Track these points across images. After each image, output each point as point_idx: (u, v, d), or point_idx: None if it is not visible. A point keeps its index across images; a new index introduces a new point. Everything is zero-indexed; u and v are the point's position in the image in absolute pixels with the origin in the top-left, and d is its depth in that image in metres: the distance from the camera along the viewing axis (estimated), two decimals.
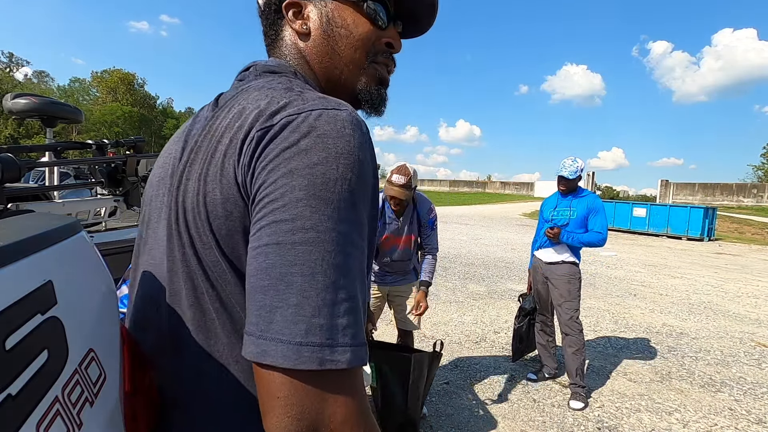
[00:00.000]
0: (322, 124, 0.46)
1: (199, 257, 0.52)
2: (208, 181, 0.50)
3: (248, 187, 0.47)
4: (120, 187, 2.11)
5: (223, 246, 0.50)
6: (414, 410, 2.31)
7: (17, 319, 0.44)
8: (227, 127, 0.51)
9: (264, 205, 0.45)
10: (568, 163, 2.91)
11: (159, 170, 0.63)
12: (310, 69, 0.64)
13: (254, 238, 0.45)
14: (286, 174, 0.44)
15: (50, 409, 0.47)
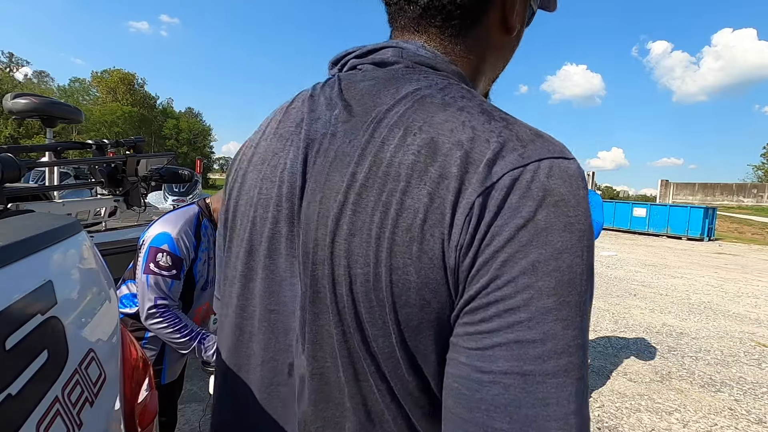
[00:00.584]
0: (556, 184, 0.34)
1: (367, 341, 0.39)
2: (395, 252, 0.36)
3: (464, 276, 0.35)
4: (120, 187, 2.10)
5: (407, 339, 0.37)
6: None
7: (17, 319, 0.44)
8: (413, 168, 0.36)
9: (498, 313, 0.33)
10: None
11: (256, 176, 0.47)
12: (474, 71, 0.50)
13: (478, 354, 0.33)
14: (528, 270, 0.33)
15: (50, 408, 0.47)
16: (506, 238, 0.33)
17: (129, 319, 1.54)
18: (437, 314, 0.36)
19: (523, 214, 0.33)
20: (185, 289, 1.55)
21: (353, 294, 0.38)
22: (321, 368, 0.41)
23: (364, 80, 0.45)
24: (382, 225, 0.36)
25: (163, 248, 1.47)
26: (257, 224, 0.46)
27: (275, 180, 0.45)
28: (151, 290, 1.43)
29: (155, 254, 1.46)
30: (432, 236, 0.35)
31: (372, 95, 0.43)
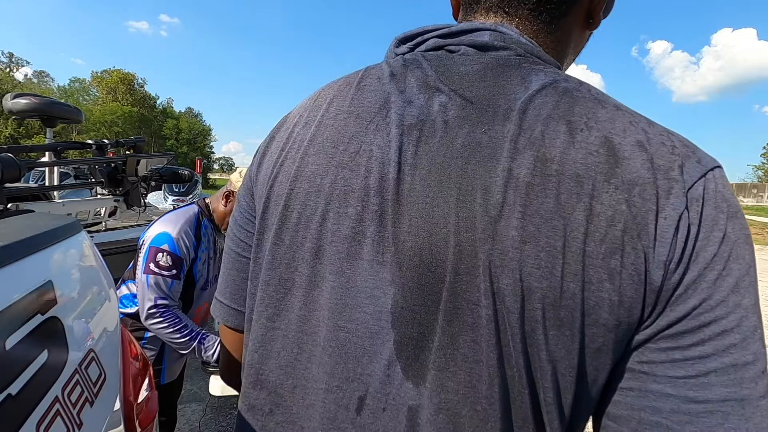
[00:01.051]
0: (729, 194, 0.33)
1: (530, 365, 0.33)
2: (589, 265, 0.31)
3: (668, 296, 0.31)
4: (120, 187, 2.10)
5: (587, 363, 0.32)
6: None
7: (17, 319, 0.44)
8: (596, 170, 0.32)
9: (712, 336, 0.30)
10: None
11: (325, 161, 0.40)
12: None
13: (690, 383, 0.30)
14: (734, 288, 0.30)
15: (50, 408, 0.47)
16: (712, 254, 0.31)
17: (129, 319, 1.54)
18: (623, 336, 0.32)
19: (720, 227, 0.31)
20: (185, 289, 1.55)
21: (524, 312, 0.32)
22: (450, 402, 0.34)
23: (467, 64, 0.40)
24: (567, 233, 0.31)
25: (163, 248, 1.47)
26: (329, 220, 0.38)
27: (358, 169, 0.38)
28: (151, 290, 1.43)
29: (155, 254, 1.46)
30: (634, 249, 0.31)
31: (489, 83, 0.38)
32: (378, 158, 0.38)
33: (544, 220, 0.32)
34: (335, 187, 0.39)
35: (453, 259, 0.34)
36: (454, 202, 0.34)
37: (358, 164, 0.38)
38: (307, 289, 0.39)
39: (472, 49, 0.41)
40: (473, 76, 0.39)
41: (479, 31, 0.42)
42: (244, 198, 0.49)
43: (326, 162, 0.40)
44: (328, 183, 0.39)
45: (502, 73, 0.39)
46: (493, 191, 0.33)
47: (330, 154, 0.40)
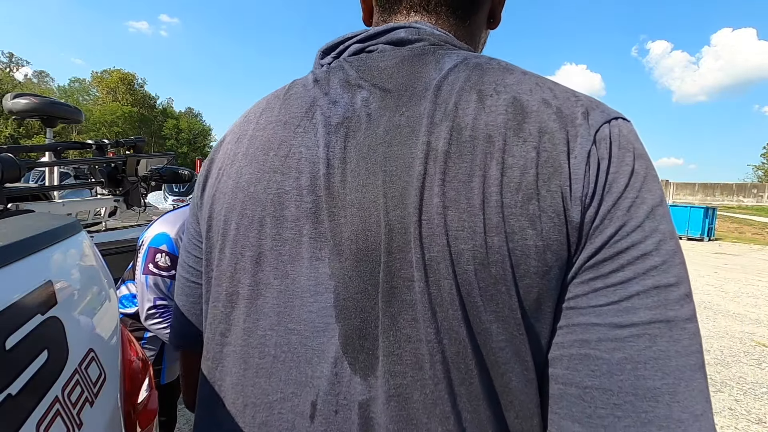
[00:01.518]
0: (635, 139, 0.35)
1: (474, 334, 0.32)
2: (508, 216, 0.32)
3: (588, 229, 0.32)
4: (120, 187, 2.10)
5: (528, 316, 0.32)
6: None
7: (17, 319, 0.44)
8: (505, 127, 0.34)
9: (631, 260, 0.31)
10: None
11: (257, 169, 0.41)
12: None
13: (613, 309, 0.30)
14: (650, 214, 0.31)
15: (50, 408, 0.47)
16: (623, 185, 0.32)
17: (128, 319, 1.54)
18: (557, 280, 0.32)
19: (627, 162, 0.33)
20: None
21: (457, 276, 0.32)
22: (399, 387, 0.33)
23: (385, 59, 0.42)
24: (485, 190, 0.33)
25: (161, 249, 1.47)
26: (267, 225, 0.38)
27: (289, 172, 0.39)
28: (151, 291, 1.43)
29: (154, 255, 1.46)
30: (549, 191, 0.32)
31: (406, 71, 0.41)
32: (307, 158, 0.39)
33: (461, 183, 0.33)
34: (269, 192, 0.39)
35: (386, 239, 0.34)
36: (381, 184, 0.35)
37: (288, 167, 0.39)
38: (249, 299, 0.39)
39: (389, 46, 0.44)
40: (391, 69, 0.41)
41: (395, 30, 0.44)
42: (191, 224, 0.50)
43: (258, 169, 0.41)
44: (261, 189, 0.39)
45: (418, 62, 0.41)
46: (414, 166, 0.35)
47: (261, 161, 0.41)
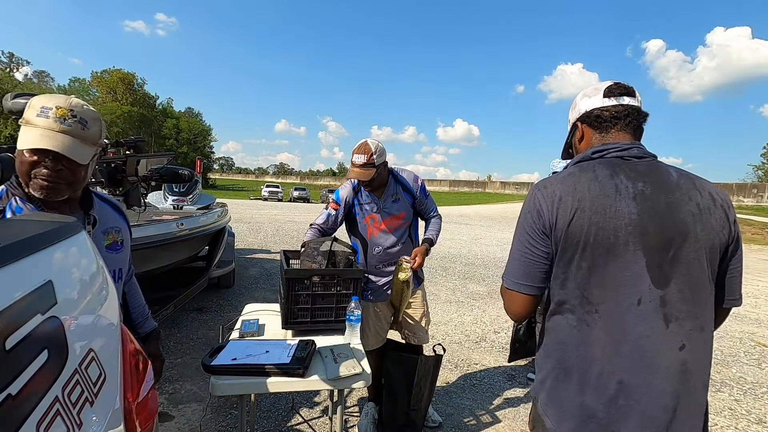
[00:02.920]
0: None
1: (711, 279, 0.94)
2: (717, 233, 0.91)
3: (730, 240, 0.93)
4: (120, 187, 2.10)
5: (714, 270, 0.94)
6: (416, 412, 2.31)
7: (17, 319, 0.44)
8: (712, 205, 0.93)
9: (736, 249, 0.95)
10: (557, 161, 3.03)
11: (598, 220, 0.91)
12: None
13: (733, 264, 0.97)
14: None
15: (50, 408, 0.47)
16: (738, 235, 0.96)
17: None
18: (720, 253, 0.95)
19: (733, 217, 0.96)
20: None
21: (707, 252, 0.91)
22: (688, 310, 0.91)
23: (640, 165, 0.96)
24: (712, 225, 0.91)
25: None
26: (617, 244, 0.90)
27: (621, 216, 0.90)
28: None
29: None
30: (724, 230, 0.93)
31: (655, 174, 0.95)
32: (626, 212, 0.91)
33: (708, 223, 0.92)
34: (616, 227, 0.91)
35: (678, 245, 0.90)
36: (672, 227, 0.90)
37: (620, 215, 0.91)
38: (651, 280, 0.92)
39: (636, 158, 0.97)
40: (646, 171, 0.95)
41: (632, 148, 0.98)
42: (536, 221, 0.98)
43: (601, 216, 0.91)
44: (610, 226, 0.90)
45: (657, 169, 0.96)
46: (690, 218, 0.91)
47: (601, 213, 0.91)
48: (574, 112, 1.11)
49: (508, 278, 1.03)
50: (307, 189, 39.20)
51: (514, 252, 1.02)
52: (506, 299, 1.05)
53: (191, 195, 6.49)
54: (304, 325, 1.89)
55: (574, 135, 1.12)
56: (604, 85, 1.05)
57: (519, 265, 1.00)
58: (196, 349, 3.48)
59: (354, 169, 2.11)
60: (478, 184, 55.68)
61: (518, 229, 1.02)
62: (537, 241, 0.97)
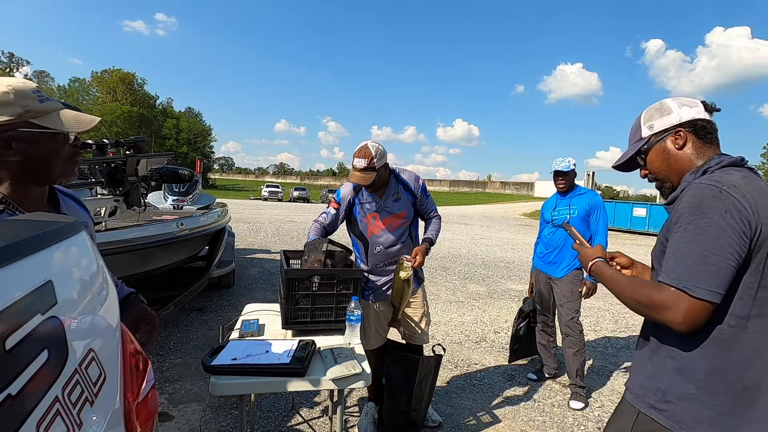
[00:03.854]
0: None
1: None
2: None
3: None
4: (120, 187, 2.10)
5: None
6: (417, 413, 2.31)
7: (17, 318, 0.44)
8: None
9: None
10: (559, 160, 3.00)
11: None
12: None
13: None
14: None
15: (50, 408, 0.47)
16: None
17: None
18: None
19: None
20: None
21: None
22: None
23: (756, 176, 0.97)
24: None
25: None
26: None
27: None
28: None
29: None
30: None
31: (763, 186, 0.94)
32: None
33: None
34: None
35: None
36: None
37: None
38: None
39: (749, 170, 0.99)
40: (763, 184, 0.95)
41: (744, 160, 1.01)
42: (738, 222, 0.88)
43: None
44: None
45: (760, 179, 0.97)
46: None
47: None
48: (668, 118, 1.08)
49: (700, 288, 0.88)
50: (307, 189, 39.22)
51: (707, 256, 0.88)
52: (683, 309, 0.89)
53: (191, 195, 6.49)
54: (304, 325, 1.89)
55: (669, 141, 1.08)
56: (696, 100, 1.08)
57: (717, 272, 0.87)
58: (196, 349, 3.48)
59: (355, 173, 2.12)
60: (478, 184, 55.68)
61: (712, 231, 0.89)
62: (740, 244, 0.88)
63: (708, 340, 0.92)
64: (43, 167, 1.01)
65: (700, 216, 0.90)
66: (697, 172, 1.01)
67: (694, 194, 0.93)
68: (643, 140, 1.12)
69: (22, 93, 0.94)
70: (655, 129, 1.10)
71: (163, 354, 3.34)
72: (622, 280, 1.07)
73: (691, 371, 0.94)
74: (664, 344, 1.00)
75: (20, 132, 0.93)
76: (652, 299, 0.94)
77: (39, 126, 0.96)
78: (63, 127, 1.00)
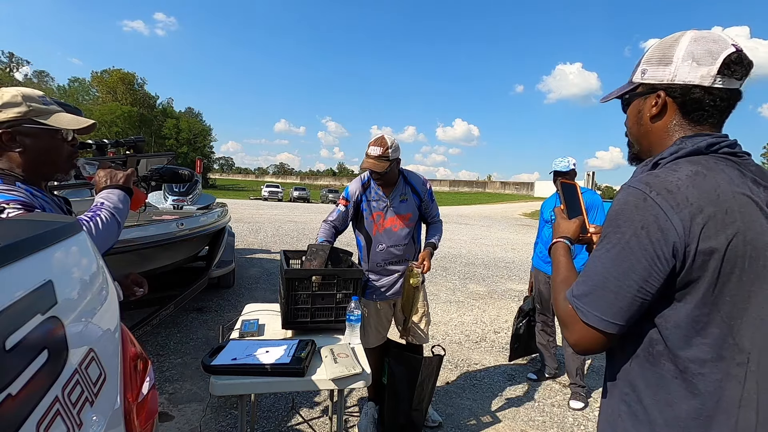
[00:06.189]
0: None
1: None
2: None
3: None
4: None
5: None
6: (418, 413, 2.31)
7: (17, 318, 0.44)
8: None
9: None
10: (559, 160, 3.00)
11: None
12: None
13: None
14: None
15: (50, 408, 0.47)
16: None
17: None
18: None
19: None
20: None
21: None
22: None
23: (751, 163, 0.76)
24: None
25: None
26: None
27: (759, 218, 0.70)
28: None
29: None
30: None
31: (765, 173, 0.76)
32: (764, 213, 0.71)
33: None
34: (765, 246, 0.70)
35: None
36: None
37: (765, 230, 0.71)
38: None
39: (746, 155, 0.77)
40: (758, 172, 0.75)
41: (736, 144, 0.77)
42: (656, 241, 0.71)
43: (754, 233, 0.70)
44: (761, 245, 0.70)
45: (762, 169, 0.77)
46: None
47: (752, 228, 0.70)
48: (661, 71, 0.79)
49: (591, 313, 0.74)
50: (307, 189, 39.24)
51: (607, 279, 0.73)
52: (577, 333, 0.77)
53: (191, 195, 6.50)
54: (304, 325, 1.90)
55: (647, 102, 0.83)
56: (722, 50, 0.74)
57: (614, 300, 0.73)
58: (196, 349, 3.48)
59: (368, 160, 2.15)
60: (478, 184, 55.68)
61: (619, 250, 0.73)
62: (655, 269, 0.70)
63: (661, 384, 0.74)
64: (42, 161, 1.14)
65: (615, 229, 0.74)
66: (648, 164, 0.81)
67: (618, 200, 0.76)
68: (632, 85, 0.86)
69: (29, 97, 1.11)
70: (646, 79, 0.83)
71: (163, 354, 3.34)
72: (560, 275, 0.90)
73: (645, 423, 0.76)
74: (617, 386, 0.83)
75: (24, 128, 1.09)
76: (559, 310, 0.83)
77: (40, 123, 1.11)
78: (61, 126, 1.13)
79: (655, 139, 0.84)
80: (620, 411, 0.81)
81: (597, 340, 0.76)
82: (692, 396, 0.71)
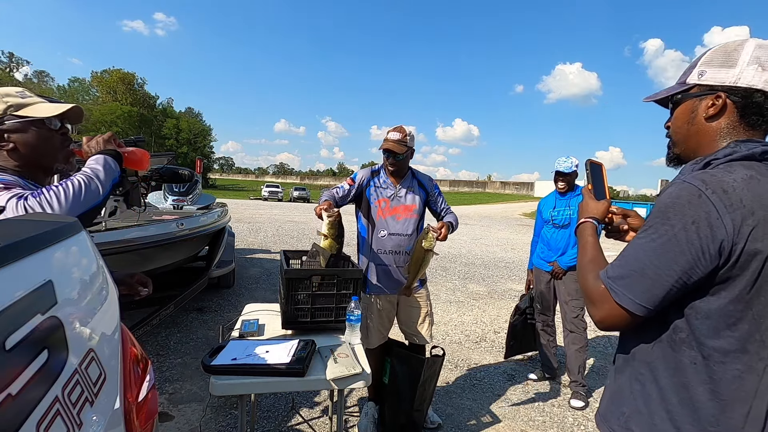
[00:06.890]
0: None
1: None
2: None
3: None
4: (120, 187, 2.10)
5: None
6: (419, 413, 2.31)
7: (17, 318, 0.44)
8: None
9: None
10: (562, 160, 2.99)
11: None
12: None
13: None
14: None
15: (50, 408, 0.47)
16: None
17: None
18: None
19: None
20: None
21: None
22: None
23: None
24: None
25: None
26: None
27: None
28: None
29: None
30: None
31: None
32: None
33: None
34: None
35: None
36: None
37: None
38: None
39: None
40: None
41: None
42: (704, 237, 0.73)
43: None
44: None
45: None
46: None
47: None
48: (725, 72, 0.81)
49: (626, 296, 0.78)
50: (307, 189, 39.22)
51: (646, 266, 0.77)
52: (605, 311, 0.81)
53: (191, 195, 6.49)
54: (304, 325, 1.90)
55: (704, 103, 0.84)
56: None
57: (650, 286, 0.76)
58: (196, 349, 3.48)
59: (388, 142, 2.27)
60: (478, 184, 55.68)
61: (665, 241, 0.75)
62: (699, 264, 0.73)
63: (679, 367, 0.78)
64: (35, 154, 1.15)
65: (664, 221, 0.76)
66: (699, 163, 0.82)
67: (670, 193, 0.77)
68: (685, 86, 0.87)
69: (4, 93, 1.12)
70: (704, 80, 0.84)
71: (163, 354, 3.34)
72: (588, 254, 0.94)
73: (658, 401, 0.80)
74: (632, 365, 0.86)
75: (8, 124, 1.10)
76: (588, 288, 0.87)
77: (21, 117, 1.12)
78: (41, 114, 1.13)
79: (704, 139, 0.85)
80: (632, 389, 0.85)
81: (623, 320, 0.80)
82: (710, 381, 0.75)
